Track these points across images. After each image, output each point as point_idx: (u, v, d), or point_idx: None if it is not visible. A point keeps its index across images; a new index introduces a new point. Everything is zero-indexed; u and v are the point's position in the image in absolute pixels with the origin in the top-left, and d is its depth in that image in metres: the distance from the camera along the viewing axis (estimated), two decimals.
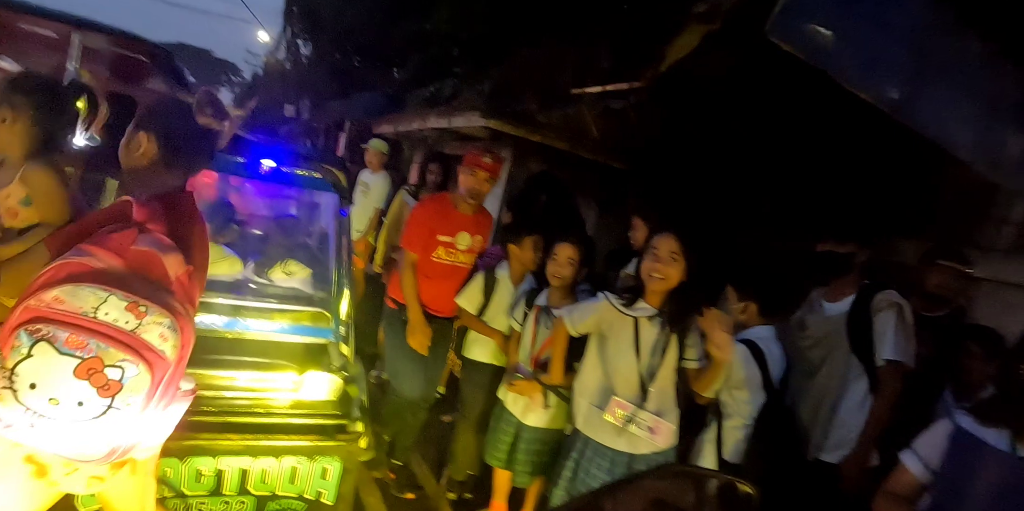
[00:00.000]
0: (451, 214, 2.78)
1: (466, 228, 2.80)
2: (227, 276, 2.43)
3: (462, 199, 2.76)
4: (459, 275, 2.87)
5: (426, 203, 2.90)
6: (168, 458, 1.89)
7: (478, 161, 2.67)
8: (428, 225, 2.74)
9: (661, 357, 2.07)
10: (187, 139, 1.49)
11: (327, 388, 2.13)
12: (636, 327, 2.09)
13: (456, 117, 4.46)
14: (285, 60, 16.55)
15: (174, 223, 1.39)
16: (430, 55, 7.29)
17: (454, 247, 2.78)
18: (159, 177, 1.46)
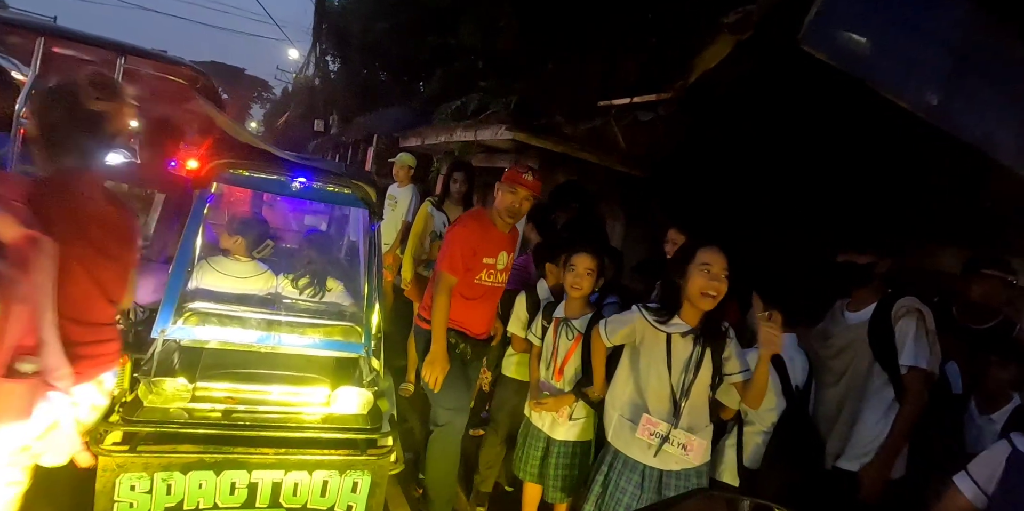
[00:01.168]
0: (492, 233, 2.64)
1: (504, 247, 2.70)
2: (261, 290, 2.47)
3: (499, 217, 2.61)
4: (497, 295, 2.79)
5: (469, 223, 2.63)
6: (203, 471, 1.92)
7: (519, 178, 2.53)
8: (473, 247, 2.56)
9: (695, 374, 2.02)
10: (70, 124, 1.53)
11: (358, 402, 2.14)
12: (668, 343, 2.04)
13: (482, 130, 4.50)
14: (314, 76, 16.97)
15: (58, 200, 1.46)
16: (456, 69, 7.38)
17: (495, 268, 2.67)
18: (53, 159, 1.54)
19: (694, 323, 2.04)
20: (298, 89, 22.56)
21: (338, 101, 14.07)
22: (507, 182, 2.55)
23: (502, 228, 2.66)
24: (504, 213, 2.57)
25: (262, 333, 2.20)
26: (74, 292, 1.55)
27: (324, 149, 16.29)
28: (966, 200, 2.65)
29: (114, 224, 1.68)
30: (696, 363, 2.02)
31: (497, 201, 2.59)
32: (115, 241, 1.68)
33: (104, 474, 1.85)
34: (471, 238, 2.55)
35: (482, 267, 2.61)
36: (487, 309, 2.75)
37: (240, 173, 2.32)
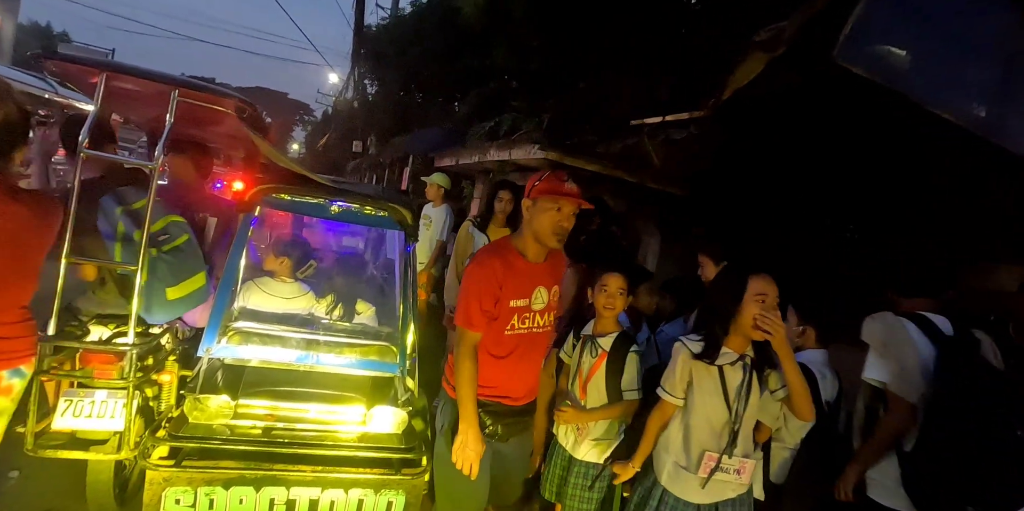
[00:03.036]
0: (519, 267, 2.05)
1: (541, 281, 2.11)
2: (303, 310, 2.54)
3: (533, 242, 2.05)
4: (539, 344, 2.20)
5: (485, 260, 2.05)
6: (244, 486, 1.97)
7: (561, 188, 1.98)
8: (493, 290, 1.99)
9: (747, 400, 1.97)
10: None
11: (393, 422, 2.16)
12: (722, 375, 1.98)
13: (516, 149, 4.55)
14: (353, 99, 17.54)
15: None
16: (489, 90, 7.52)
17: (529, 309, 2.09)
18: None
19: (741, 350, 1.99)
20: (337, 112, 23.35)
21: (375, 123, 14.47)
22: (546, 196, 1.98)
23: (534, 257, 2.08)
24: (547, 236, 2.00)
25: (301, 352, 2.26)
26: None
27: (362, 169, 16.72)
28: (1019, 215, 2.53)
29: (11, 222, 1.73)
30: (748, 389, 1.97)
31: (533, 223, 2.03)
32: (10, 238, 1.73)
33: (151, 487, 1.91)
34: (491, 278, 2.00)
35: (511, 313, 2.04)
36: (527, 366, 2.18)
37: (282, 197, 2.42)
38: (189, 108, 2.21)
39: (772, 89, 2.47)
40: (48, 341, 2.06)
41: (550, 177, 2.03)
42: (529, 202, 2.05)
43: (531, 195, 2.04)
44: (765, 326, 1.86)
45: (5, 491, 2.63)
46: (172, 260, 2.26)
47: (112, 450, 2.18)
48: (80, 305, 2.35)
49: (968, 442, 1.91)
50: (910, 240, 2.49)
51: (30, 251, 1.83)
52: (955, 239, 2.52)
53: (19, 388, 1.88)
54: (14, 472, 2.71)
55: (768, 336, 1.87)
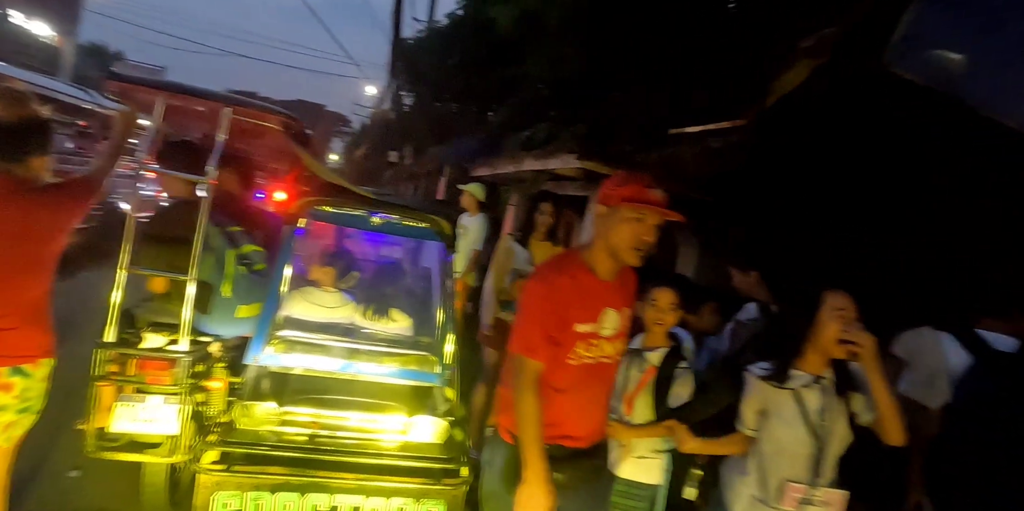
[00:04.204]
0: (588, 285, 1.78)
1: (611, 302, 1.82)
2: (345, 319, 2.60)
3: (606, 257, 1.78)
4: (606, 377, 1.93)
5: (549, 276, 1.79)
6: (290, 492, 2.01)
7: (646, 195, 1.69)
8: (559, 312, 1.73)
9: (831, 425, 1.83)
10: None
11: (434, 431, 2.19)
12: (798, 399, 1.85)
13: (551, 159, 4.55)
14: (389, 110, 17.90)
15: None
16: (523, 99, 7.57)
17: (597, 336, 1.80)
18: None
19: (817, 371, 1.86)
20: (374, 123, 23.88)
21: (411, 133, 14.73)
22: (628, 204, 1.69)
23: (605, 274, 1.80)
24: (625, 251, 1.72)
25: (344, 361, 2.30)
26: None
27: (398, 179, 17.02)
28: None
29: (6, 224, 1.79)
30: (832, 413, 1.83)
31: (608, 234, 1.75)
32: (6, 240, 1.79)
33: (202, 491, 1.97)
34: (556, 297, 1.73)
35: (576, 339, 1.76)
36: (593, 401, 1.88)
37: (325, 209, 2.49)
38: (238, 124, 2.31)
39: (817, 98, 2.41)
40: (105, 348, 2.17)
41: (632, 182, 1.73)
42: (605, 210, 1.76)
43: (608, 202, 1.74)
44: (854, 338, 1.72)
45: (65, 489, 2.75)
46: (254, 281, 2.42)
47: (166, 454, 2.26)
48: (137, 313, 2.46)
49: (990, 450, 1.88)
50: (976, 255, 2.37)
51: (38, 245, 1.87)
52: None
53: (21, 387, 1.87)
54: (74, 471, 2.84)
55: (857, 349, 1.73)
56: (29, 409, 1.94)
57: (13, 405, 1.87)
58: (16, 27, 17.31)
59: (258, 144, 3.10)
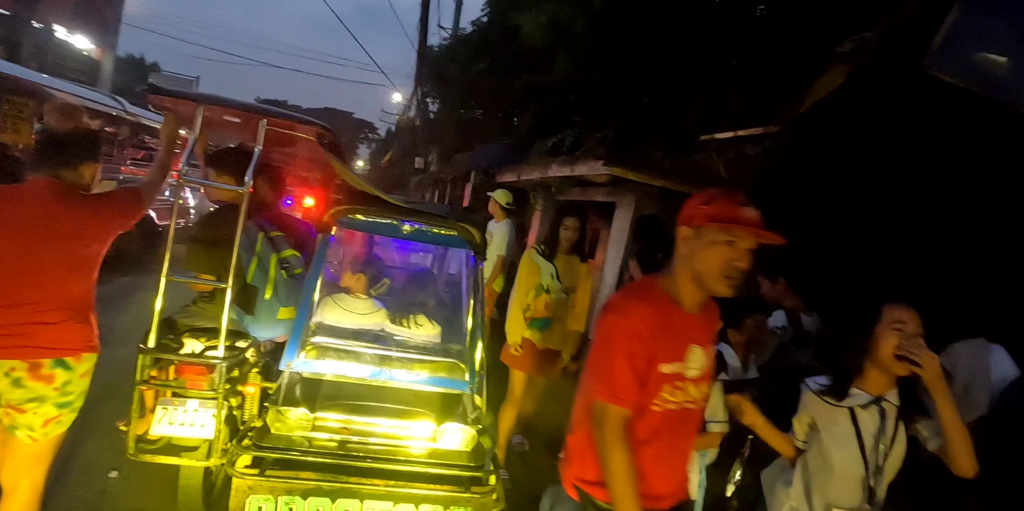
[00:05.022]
0: (674, 320, 1.56)
1: (697, 338, 1.61)
2: (376, 326, 2.63)
3: (691, 287, 1.56)
4: (692, 425, 1.71)
5: (629, 307, 1.55)
6: (321, 497, 2.03)
7: (737, 214, 1.47)
8: (645, 350, 1.51)
9: (888, 448, 1.72)
10: (40, 147, 2.07)
11: (462, 439, 2.19)
12: (854, 417, 1.75)
13: (579, 165, 4.55)
14: (416, 117, 18.11)
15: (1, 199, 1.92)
16: (549, 104, 7.56)
17: (683, 377, 1.58)
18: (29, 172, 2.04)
19: (879, 391, 1.76)
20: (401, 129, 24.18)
21: (437, 139, 14.86)
22: (716, 224, 1.47)
23: (690, 306, 1.58)
24: (714, 279, 1.50)
25: (375, 368, 2.32)
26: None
27: (424, 185, 17.18)
28: None
29: (55, 226, 1.92)
30: (891, 436, 1.72)
31: (694, 260, 1.53)
32: (53, 240, 1.92)
33: (237, 494, 2.00)
34: (641, 334, 1.50)
35: (661, 381, 1.55)
36: (676, 453, 1.67)
37: (357, 217, 2.53)
38: (273, 134, 2.36)
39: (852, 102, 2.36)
40: (147, 353, 2.23)
41: (722, 199, 1.49)
42: (689, 232, 1.54)
43: (693, 222, 1.52)
44: (911, 355, 1.62)
45: (104, 489, 2.83)
46: (293, 284, 2.49)
47: (202, 457, 2.31)
48: (178, 318, 2.54)
49: None
50: None
51: (83, 246, 2.00)
52: None
53: (62, 379, 1.96)
54: (113, 472, 2.92)
55: (915, 368, 1.62)
56: (69, 405, 2.02)
57: (52, 397, 1.96)
58: (60, 41, 18.05)
59: (289, 153, 3.17)
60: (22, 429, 1.95)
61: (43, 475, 2.07)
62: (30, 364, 1.91)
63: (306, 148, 2.83)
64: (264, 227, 2.53)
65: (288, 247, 2.58)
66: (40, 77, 6.36)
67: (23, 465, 2.00)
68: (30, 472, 2.02)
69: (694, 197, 1.59)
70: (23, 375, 1.90)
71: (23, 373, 1.90)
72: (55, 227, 1.93)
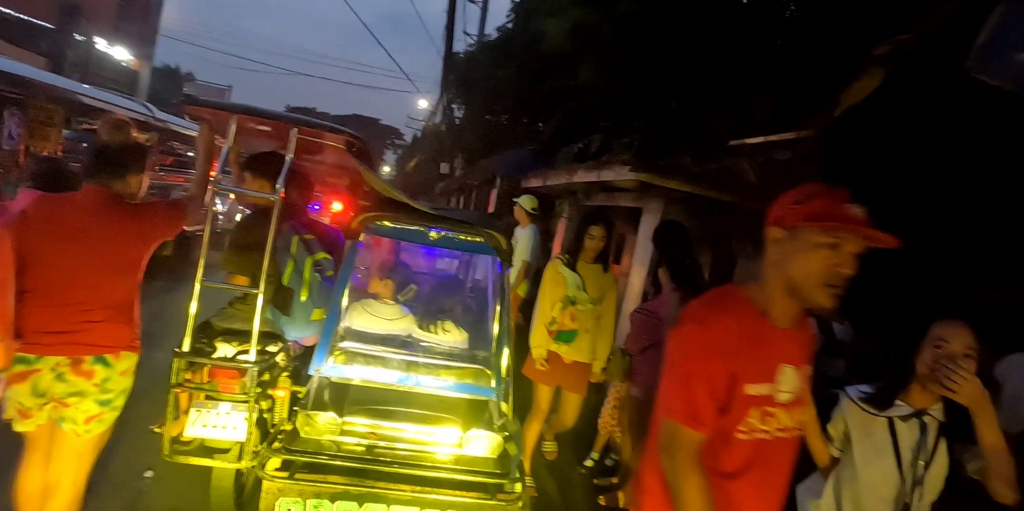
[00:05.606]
0: (763, 333, 1.37)
1: (789, 356, 1.41)
2: (403, 332, 2.65)
3: (783, 297, 1.37)
4: (786, 456, 1.47)
5: (707, 319, 1.38)
6: (348, 501, 2.05)
7: (841, 212, 1.28)
8: (727, 368, 1.33)
9: (926, 467, 1.64)
10: (92, 158, 2.18)
11: (488, 446, 2.18)
12: (892, 428, 1.67)
13: (605, 170, 4.52)
14: (441, 123, 18.27)
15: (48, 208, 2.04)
16: (575, 110, 7.56)
17: (773, 401, 1.38)
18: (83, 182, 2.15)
19: (922, 405, 1.69)
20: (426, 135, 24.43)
21: (462, 145, 14.97)
22: (816, 224, 1.29)
23: (781, 319, 1.39)
24: (813, 288, 1.30)
25: (402, 373, 2.34)
26: (48, 278, 1.98)
27: (449, 190, 17.28)
28: None
29: (102, 232, 2.05)
30: (930, 452, 1.64)
31: (787, 266, 1.34)
32: (100, 245, 2.04)
33: (267, 496, 2.03)
34: (721, 349, 1.33)
35: (747, 405, 1.35)
36: (771, 489, 1.45)
37: (384, 224, 2.56)
38: (303, 141, 2.41)
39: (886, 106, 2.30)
40: (182, 357, 2.29)
41: (822, 195, 1.30)
42: (780, 234, 1.35)
43: (786, 222, 1.34)
44: (942, 376, 1.52)
45: (141, 488, 2.91)
46: (325, 286, 2.56)
47: (233, 459, 2.36)
48: (214, 321, 2.60)
49: None
50: None
51: (126, 251, 2.12)
52: None
53: (101, 376, 2.07)
54: (149, 472, 3.00)
55: (946, 392, 1.54)
56: (110, 403, 2.11)
57: (93, 393, 2.06)
58: (101, 53, 18.77)
59: (318, 159, 3.22)
60: (67, 422, 2.06)
61: (86, 473, 2.16)
62: (72, 360, 2.02)
63: (334, 154, 2.88)
64: (298, 230, 2.60)
65: (320, 250, 2.64)
66: (69, 83, 6.48)
67: (68, 461, 2.10)
68: (74, 469, 2.11)
69: (786, 194, 1.39)
70: (66, 370, 2.02)
71: (66, 368, 2.02)
72: (102, 233, 2.06)
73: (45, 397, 2.02)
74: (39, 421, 2.04)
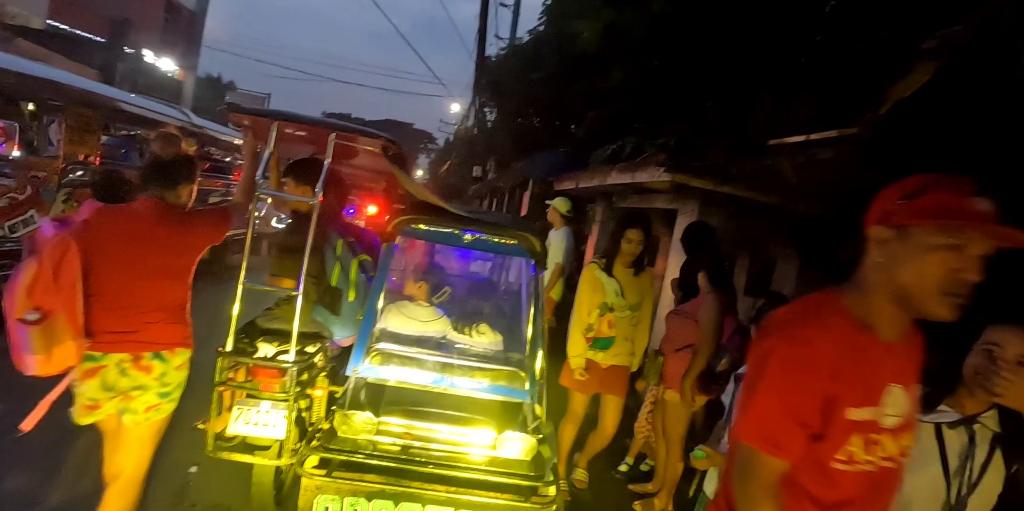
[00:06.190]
0: (866, 349, 1.19)
1: (897, 375, 1.23)
2: (437, 333, 2.67)
3: (890, 306, 1.19)
4: (890, 488, 1.31)
5: (803, 332, 1.19)
6: (384, 500, 2.07)
7: (966, 207, 1.10)
8: (820, 388, 1.15)
9: (977, 477, 1.54)
10: (147, 171, 2.36)
11: (522, 448, 2.18)
12: (939, 434, 1.56)
13: (639, 172, 4.47)
14: (473, 127, 18.41)
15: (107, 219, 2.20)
16: (608, 112, 7.51)
17: (877, 427, 1.20)
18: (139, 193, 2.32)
19: (972, 410, 1.59)
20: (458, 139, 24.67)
21: (495, 148, 15.03)
22: (934, 222, 1.11)
23: (888, 332, 1.20)
24: (930, 298, 1.12)
25: (437, 375, 2.36)
26: (110, 282, 2.14)
27: (482, 194, 17.39)
28: None
29: (157, 239, 2.21)
30: (979, 464, 1.53)
31: (897, 271, 1.16)
32: (155, 251, 2.20)
33: (305, 493, 2.07)
34: (816, 367, 1.15)
35: (847, 431, 1.18)
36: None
37: (419, 227, 2.59)
38: (340, 146, 2.46)
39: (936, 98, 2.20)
40: (226, 356, 2.36)
41: (940, 187, 1.12)
42: (887, 233, 1.17)
43: (893, 220, 1.15)
44: (987, 381, 1.47)
45: (186, 483, 3.01)
46: (367, 288, 2.65)
47: (273, 456, 2.42)
48: (259, 321, 2.69)
49: None
50: None
51: (178, 257, 2.28)
52: None
53: (159, 370, 2.23)
54: (194, 467, 3.10)
55: (993, 397, 1.48)
56: (168, 395, 2.28)
57: (153, 386, 2.23)
58: (148, 65, 19.61)
59: (354, 163, 3.29)
60: (128, 414, 2.22)
61: (146, 460, 2.31)
62: (133, 356, 2.19)
63: (369, 158, 2.93)
64: (342, 234, 2.70)
65: (362, 251, 2.74)
66: (107, 90, 6.51)
67: (130, 449, 2.26)
68: (135, 456, 2.27)
69: (892, 187, 1.19)
70: (128, 366, 2.18)
71: (128, 364, 2.18)
72: (156, 240, 2.22)
73: (113, 391, 2.19)
74: (108, 411, 2.22)
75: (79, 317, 2.06)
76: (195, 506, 2.85)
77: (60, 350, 2.03)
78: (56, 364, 2.06)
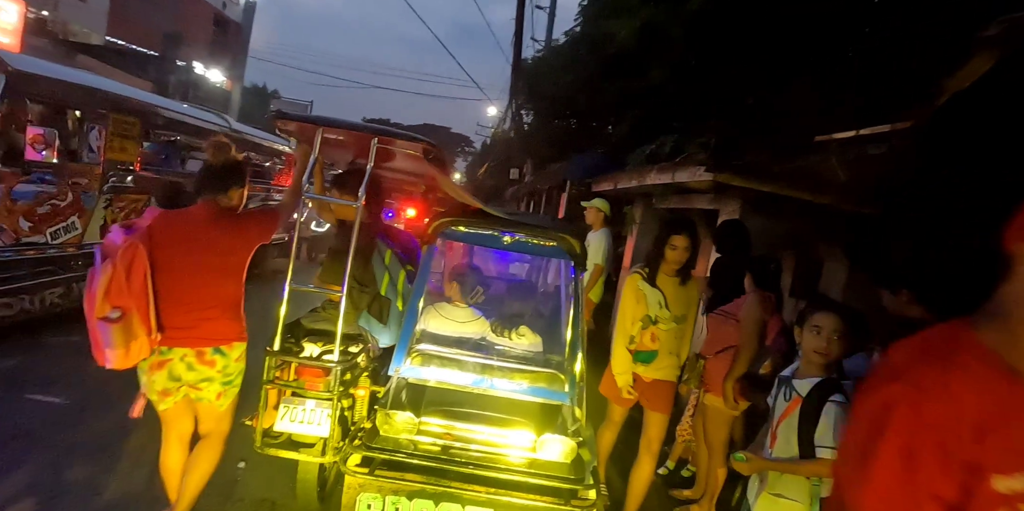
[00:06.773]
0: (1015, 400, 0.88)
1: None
2: (475, 334, 2.69)
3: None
4: None
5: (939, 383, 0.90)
6: (425, 499, 2.10)
7: None
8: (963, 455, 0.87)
9: None
10: (200, 177, 2.50)
11: (562, 451, 2.17)
12: None
13: (679, 172, 4.39)
14: (510, 129, 18.47)
15: (168, 223, 2.37)
16: (646, 111, 7.41)
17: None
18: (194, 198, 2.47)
19: None
20: (496, 142, 24.80)
21: (531, 150, 15.04)
22: None
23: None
24: None
25: (477, 376, 2.37)
26: (172, 282, 2.32)
27: (519, 196, 17.43)
28: None
29: (211, 240, 2.36)
30: None
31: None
32: (210, 252, 2.36)
33: (348, 491, 2.11)
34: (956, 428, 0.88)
35: (994, 505, 0.87)
36: None
37: (459, 229, 2.61)
38: (381, 150, 2.50)
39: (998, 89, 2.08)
40: (273, 355, 2.43)
41: None
42: None
43: None
44: None
45: (234, 478, 3.11)
46: None
47: (317, 454, 2.48)
48: (304, 321, 2.76)
49: None
50: None
51: (232, 257, 2.43)
52: None
53: (221, 364, 2.40)
54: (241, 463, 3.20)
55: None
56: (231, 383, 2.47)
57: (218, 378, 2.42)
58: (198, 76, 20.49)
59: (394, 167, 3.34)
60: (203, 401, 2.44)
61: (228, 425, 2.57)
62: (196, 351, 2.36)
63: (409, 162, 2.97)
64: (390, 244, 2.79)
65: (407, 262, 2.82)
66: (147, 96, 6.62)
67: (212, 419, 2.52)
68: (218, 424, 2.53)
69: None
70: (193, 360, 2.36)
71: (192, 359, 2.36)
72: (212, 241, 2.38)
73: (180, 381, 2.37)
74: (176, 399, 2.41)
75: (151, 314, 2.25)
76: (242, 500, 2.95)
77: (136, 344, 2.22)
78: (133, 357, 2.25)
